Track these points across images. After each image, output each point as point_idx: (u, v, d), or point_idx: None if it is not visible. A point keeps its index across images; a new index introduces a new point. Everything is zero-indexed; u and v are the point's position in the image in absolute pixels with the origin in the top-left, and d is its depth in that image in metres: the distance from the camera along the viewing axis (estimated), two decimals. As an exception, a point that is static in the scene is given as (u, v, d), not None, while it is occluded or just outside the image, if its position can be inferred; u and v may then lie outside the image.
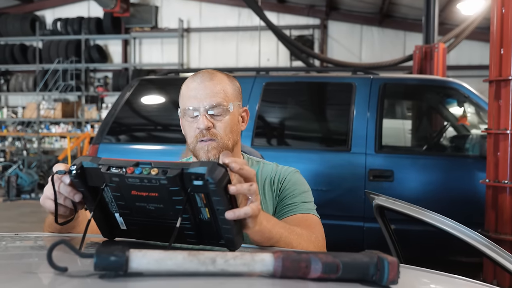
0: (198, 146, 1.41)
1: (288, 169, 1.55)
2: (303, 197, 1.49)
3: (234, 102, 1.43)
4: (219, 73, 1.46)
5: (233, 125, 1.43)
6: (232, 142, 1.43)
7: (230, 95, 1.43)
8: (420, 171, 3.94)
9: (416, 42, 7.07)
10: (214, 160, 1.38)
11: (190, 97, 1.41)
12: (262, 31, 10.97)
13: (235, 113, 1.44)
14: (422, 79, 4.67)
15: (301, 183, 1.53)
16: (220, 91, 1.40)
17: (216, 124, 1.40)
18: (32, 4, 14.07)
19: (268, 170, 1.54)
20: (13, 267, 0.97)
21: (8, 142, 13.63)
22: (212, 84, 1.41)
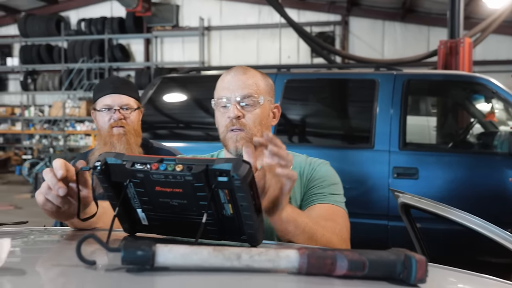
0: (227, 136, 1.47)
1: (318, 160, 1.57)
2: (332, 188, 1.50)
3: (265, 96, 1.48)
4: (253, 69, 1.52)
5: (263, 118, 1.47)
6: (261, 134, 1.44)
7: (261, 89, 1.48)
8: (446, 168, 3.88)
9: (440, 37, 6.95)
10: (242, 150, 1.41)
11: (223, 89, 1.48)
12: (282, 28, 10.96)
13: (265, 107, 1.48)
14: (448, 75, 4.59)
15: (331, 174, 1.54)
16: (252, 84, 1.46)
17: (246, 115, 1.45)
18: (57, 5, 14.31)
19: (298, 161, 1.56)
20: (43, 260, 0.99)
21: (35, 140, 13.90)
22: (245, 77, 1.47)
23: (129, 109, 2.02)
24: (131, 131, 2.00)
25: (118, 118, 1.97)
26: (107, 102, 1.99)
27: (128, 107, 2.02)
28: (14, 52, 14.84)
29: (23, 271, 0.83)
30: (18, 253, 1.01)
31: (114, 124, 1.97)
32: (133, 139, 2.00)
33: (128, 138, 1.98)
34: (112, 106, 1.99)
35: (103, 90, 2.03)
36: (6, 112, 14.48)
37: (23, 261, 0.97)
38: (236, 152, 1.48)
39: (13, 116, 14.47)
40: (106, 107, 1.99)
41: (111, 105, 1.99)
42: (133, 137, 2.01)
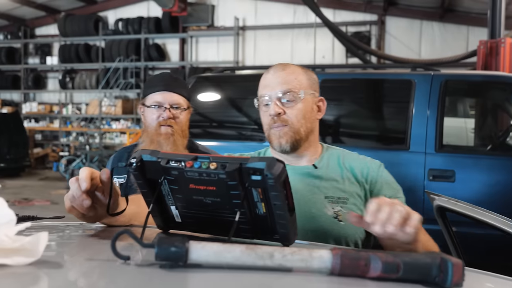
0: (271, 133, 1.48)
1: (373, 162, 1.53)
2: (401, 199, 1.45)
3: (307, 90, 1.47)
4: (293, 65, 1.52)
5: (306, 112, 1.47)
6: (305, 129, 1.46)
7: (302, 83, 1.47)
8: (484, 171, 3.78)
9: (480, 37, 6.78)
10: (285, 145, 1.45)
11: (264, 87, 1.50)
12: (317, 28, 10.88)
13: (308, 101, 1.48)
14: (487, 76, 4.47)
15: (393, 181, 1.51)
16: (292, 80, 1.46)
17: (288, 111, 1.45)
18: (96, 5, 14.64)
19: (351, 158, 1.53)
20: (78, 254, 1.01)
21: (72, 137, 14.26)
22: (285, 73, 1.47)
23: (179, 108, 1.96)
24: (178, 132, 1.93)
25: (167, 117, 1.90)
26: (157, 99, 1.93)
27: (179, 106, 1.95)
28: (53, 51, 15.27)
29: (59, 264, 0.85)
30: (54, 247, 1.04)
31: (163, 122, 1.91)
32: (180, 140, 1.94)
33: (176, 139, 1.91)
34: (162, 103, 1.93)
35: (154, 86, 1.96)
36: (45, 109, 14.90)
37: (59, 255, 0.99)
38: (280, 148, 1.47)
39: (52, 113, 14.88)
40: (156, 104, 1.93)
41: (162, 102, 1.93)
42: (180, 138, 1.94)
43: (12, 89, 15.39)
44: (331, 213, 1.42)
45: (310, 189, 1.46)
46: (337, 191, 1.45)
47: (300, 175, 1.48)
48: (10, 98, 15.86)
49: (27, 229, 0.89)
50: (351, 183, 1.47)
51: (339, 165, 1.51)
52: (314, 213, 1.43)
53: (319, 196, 1.45)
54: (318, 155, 1.54)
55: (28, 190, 9.85)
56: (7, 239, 0.81)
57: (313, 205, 1.43)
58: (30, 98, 15.67)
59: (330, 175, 1.48)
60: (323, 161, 1.52)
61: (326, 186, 1.46)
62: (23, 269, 0.79)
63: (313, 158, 1.52)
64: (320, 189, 1.46)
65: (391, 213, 1.02)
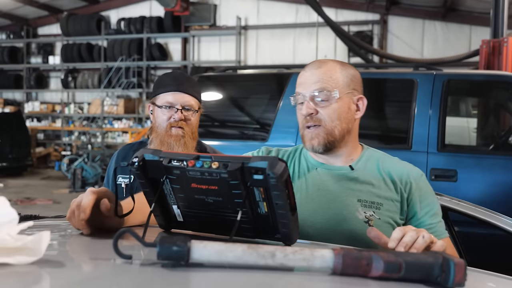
0: (304, 133, 1.43)
1: (414, 170, 1.46)
2: (438, 215, 1.42)
3: (343, 89, 1.40)
4: (331, 62, 1.44)
5: (341, 112, 1.40)
6: (340, 130, 1.40)
7: (338, 81, 1.40)
8: (487, 171, 3.77)
9: (482, 37, 6.76)
10: (318, 147, 1.41)
11: (299, 85, 1.44)
12: (319, 27, 10.88)
13: (344, 100, 1.41)
14: (490, 75, 4.46)
15: (432, 193, 1.45)
16: (327, 78, 1.39)
17: (321, 111, 1.39)
18: (98, 4, 14.66)
19: (391, 162, 1.47)
20: (80, 254, 1.01)
21: (74, 137, 14.28)
22: (320, 71, 1.41)
23: (191, 110, 1.91)
24: (189, 134, 1.89)
25: (179, 118, 1.86)
26: (169, 100, 1.88)
27: (190, 107, 1.90)
28: (56, 50, 15.30)
29: (62, 263, 0.86)
30: (56, 246, 1.04)
31: (174, 124, 1.86)
32: (190, 143, 1.89)
33: (186, 141, 1.87)
34: (174, 104, 1.87)
35: (166, 85, 1.91)
36: (47, 109, 14.93)
37: (62, 254, 0.99)
38: (312, 149, 1.43)
39: (54, 113, 14.90)
40: (168, 105, 1.87)
41: (173, 103, 1.87)
42: (191, 140, 1.90)
43: (15, 88, 15.42)
44: (362, 217, 1.38)
45: (344, 191, 1.41)
46: (372, 195, 1.40)
47: (335, 176, 1.44)
48: (12, 98, 15.89)
49: (29, 228, 0.89)
50: (387, 189, 1.41)
51: (377, 168, 1.45)
52: (345, 216, 1.38)
53: (352, 198, 1.40)
54: (356, 156, 1.47)
55: (30, 189, 9.87)
56: (10, 238, 0.81)
57: (345, 207, 1.39)
58: (33, 98, 15.70)
59: (366, 178, 1.43)
60: (361, 162, 1.46)
61: (360, 189, 1.41)
62: (25, 268, 0.79)
63: (350, 159, 1.46)
64: (354, 191, 1.41)
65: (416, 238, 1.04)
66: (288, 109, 4.06)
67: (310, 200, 1.42)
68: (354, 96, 1.43)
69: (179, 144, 1.85)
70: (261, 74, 5.38)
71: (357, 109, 1.45)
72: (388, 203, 1.39)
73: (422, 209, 1.40)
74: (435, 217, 1.40)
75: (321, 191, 1.43)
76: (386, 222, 1.37)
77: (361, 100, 1.45)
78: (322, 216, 1.40)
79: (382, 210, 1.38)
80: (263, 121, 4.28)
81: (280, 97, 4.14)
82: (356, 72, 1.46)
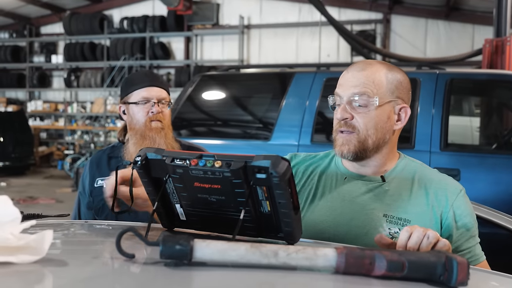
0: (336, 137, 1.35)
1: (453, 186, 1.34)
2: (475, 237, 1.33)
3: (385, 96, 1.30)
4: (377, 64, 1.34)
5: (378, 121, 1.30)
6: (375, 140, 1.30)
7: (382, 87, 1.30)
8: (490, 170, 3.76)
9: (485, 36, 6.74)
10: (347, 154, 1.32)
11: (339, 85, 1.35)
12: (322, 26, 10.88)
13: (384, 109, 1.30)
14: (493, 74, 4.45)
15: (471, 211, 1.34)
16: (369, 82, 1.29)
17: (357, 116, 1.30)
18: (101, 3, 14.67)
19: (428, 176, 1.36)
20: (83, 253, 1.01)
21: (77, 136, 14.30)
22: (363, 74, 1.31)
23: (166, 103, 1.96)
24: (167, 126, 1.95)
25: (157, 111, 1.91)
26: (144, 95, 1.92)
27: (165, 100, 1.96)
28: (58, 49, 15.31)
29: (64, 262, 0.86)
30: (59, 245, 1.04)
31: (153, 118, 1.91)
32: (169, 134, 1.95)
33: (166, 133, 1.93)
34: (150, 98, 1.92)
35: (139, 83, 1.96)
36: (50, 108, 14.94)
37: (64, 253, 0.99)
38: (341, 155, 1.34)
39: (57, 112, 14.92)
40: (144, 100, 1.92)
41: (149, 98, 1.92)
42: (169, 131, 1.96)
43: (17, 87, 15.44)
44: (386, 233, 1.28)
45: (370, 204, 1.32)
46: (400, 211, 1.30)
47: (363, 186, 1.35)
48: (15, 97, 15.92)
49: (32, 227, 0.89)
50: (419, 204, 1.31)
51: (412, 182, 1.34)
52: (367, 230, 1.30)
53: (378, 212, 1.31)
54: (391, 166, 1.37)
55: (33, 189, 9.89)
56: (12, 237, 0.81)
57: (368, 221, 1.31)
58: (35, 97, 15.72)
59: (397, 191, 1.33)
60: (394, 173, 1.36)
61: (389, 203, 1.32)
62: (28, 267, 0.79)
63: (383, 170, 1.36)
64: (382, 205, 1.32)
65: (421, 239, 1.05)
66: (290, 108, 4.06)
67: (333, 210, 1.35)
68: (397, 105, 1.33)
69: (160, 136, 1.90)
70: (264, 73, 5.38)
71: (398, 119, 1.34)
72: (418, 220, 1.28)
73: (458, 229, 1.30)
74: (472, 240, 1.32)
75: (346, 202, 1.35)
76: None
77: (404, 110, 1.34)
78: (343, 228, 1.32)
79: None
80: (266, 120, 4.28)
81: (283, 96, 4.14)
82: (405, 78, 1.35)
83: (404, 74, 1.36)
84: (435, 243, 1.07)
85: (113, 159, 1.99)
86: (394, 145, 1.38)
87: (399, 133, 1.38)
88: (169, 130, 1.96)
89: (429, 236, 1.04)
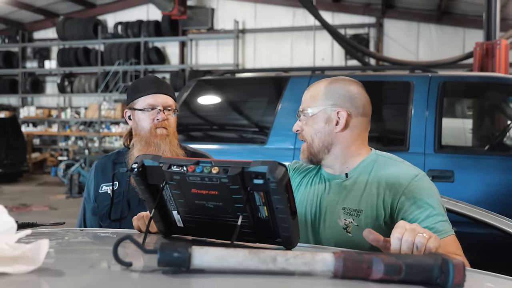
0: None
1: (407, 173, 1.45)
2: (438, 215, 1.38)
3: (320, 105, 1.48)
4: (322, 81, 1.53)
5: (317, 127, 1.49)
6: (318, 143, 1.49)
7: (317, 99, 1.49)
8: (483, 171, 3.78)
9: (476, 39, 6.80)
10: (304, 160, 1.54)
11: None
12: (316, 30, 10.89)
13: (319, 116, 1.49)
14: (484, 77, 4.49)
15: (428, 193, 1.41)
16: (307, 99, 1.52)
17: (304, 127, 1.52)
18: (95, 8, 14.64)
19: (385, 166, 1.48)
20: (80, 262, 1.01)
21: (71, 141, 14.24)
22: (306, 93, 1.54)
23: (171, 110, 1.97)
24: (172, 133, 1.95)
25: (162, 118, 1.91)
26: (150, 102, 1.92)
27: (171, 108, 1.96)
28: (52, 55, 15.25)
29: (61, 272, 0.85)
30: (55, 254, 1.03)
31: (159, 125, 1.91)
32: (174, 141, 1.95)
33: (171, 139, 1.93)
34: (156, 106, 1.92)
35: (145, 89, 1.95)
36: (43, 114, 14.86)
37: (61, 262, 0.99)
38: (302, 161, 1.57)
39: (50, 118, 14.84)
40: (150, 107, 1.92)
41: (155, 105, 1.92)
42: (174, 138, 1.96)
43: (10, 93, 15.35)
44: (342, 224, 1.45)
45: (334, 199, 1.49)
46: (355, 203, 1.45)
47: (332, 184, 1.52)
48: (7, 103, 15.83)
49: (27, 237, 0.88)
50: (371, 195, 1.43)
51: (369, 175, 1.47)
52: (329, 223, 1.48)
53: (339, 206, 1.47)
54: (354, 163, 1.50)
55: (27, 196, 9.82)
56: (8, 247, 0.81)
57: (330, 215, 1.48)
58: (28, 102, 15.65)
59: (356, 186, 1.47)
60: (358, 170, 1.49)
61: (348, 197, 1.47)
62: (24, 278, 0.78)
63: (345, 167, 1.51)
64: (342, 199, 1.47)
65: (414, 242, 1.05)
66: (286, 112, 4.07)
67: (310, 208, 1.53)
68: (332, 111, 1.47)
69: (165, 142, 1.91)
70: (259, 77, 5.39)
71: (336, 123, 1.48)
72: (370, 210, 1.41)
73: (414, 211, 1.38)
74: (433, 218, 1.37)
75: (318, 198, 1.53)
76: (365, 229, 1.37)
77: (341, 114, 1.47)
78: (312, 223, 1.52)
79: (360, 217, 1.42)
80: (262, 124, 4.29)
81: (279, 100, 4.14)
82: (345, 88, 1.49)
83: (348, 85, 1.50)
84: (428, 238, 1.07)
85: (118, 164, 1.99)
86: (348, 145, 1.50)
87: (352, 134, 1.50)
88: (173, 137, 1.96)
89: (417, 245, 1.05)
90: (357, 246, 1.36)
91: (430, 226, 1.35)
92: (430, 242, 1.06)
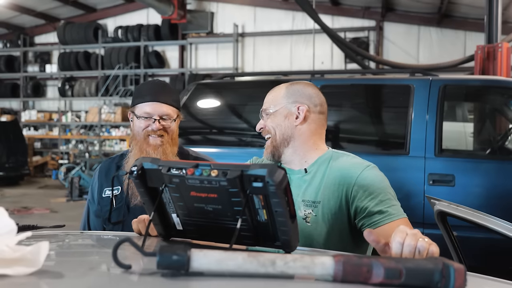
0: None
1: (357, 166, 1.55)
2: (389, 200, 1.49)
3: (281, 103, 1.62)
4: (282, 85, 1.67)
5: (279, 122, 1.60)
6: (280, 137, 1.60)
7: (278, 98, 1.63)
8: (484, 175, 3.77)
9: (477, 42, 6.79)
10: (268, 156, 1.63)
11: None
12: (316, 34, 10.91)
13: (281, 112, 1.61)
14: (485, 80, 4.48)
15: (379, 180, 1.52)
16: (269, 100, 1.65)
17: (266, 123, 1.63)
18: (95, 13, 14.68)
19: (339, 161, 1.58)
20: (79, 264, 1.00)
21: (71, 145, 14.24)
22: (268, 96, 1.67)
23: (169, 119, 1.93)
24: (168, 141, 1.92)
25: (157, 128, 1.88)
26: (146, 110, 1.90)
27: (168, 117, 1.92)
28: (53, 59, 15.29)
29: (61, 274, 0.85)
30: (55, 256, 1.03)
31: (152, 133, 1.89)
32: (169, 149, 1.92)
33: (165, 148, 1.90)
34: (151, 115, 1.90)
35: (143, 95, 1.94)
36: (44, 117, 14.89)
37: (60, 264, 0.99)
38: (267, 158, 1.65)
39: (51, 121, 14.87)
40: (146, 115, 1.90)
41: (151, 114, 1.89)
42: (170, 147, 1.93)
43: (11, 97, 15.39)
44: (302, 214, 1.54)
45: (295, 192, 1.55)
46: (313, 195, 1.55)
47: (293, 180, 1.59)
48: (9, 106, 15.86)
49: (28, 239, 0.88)
50: (328, 187, 1.53)
51: (326, 168, 1.57)
52: None
53: (299, 199, 1.56)
54: (312, 159, 1.61)
55: (28, 199, 9.83)
56: (8, 249, 0.81)
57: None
58: (29, 106, 15.67)
59: (313, 179, 1.57)
60: (316, 165, 1.59)
61: (307, 190, 1.57)
62: (24, 280, 0.78)
63: (304, 162, 1.61)
64: (302, 192, 1.57)
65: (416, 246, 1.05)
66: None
67: None
68: (293, 107, 1.60)
69: (157, 152, 1.88)
70: (259, 81, 5.39)
71: (296, 117, 1.60)
72: (327, 201, 1.52)
73: (366, 197, 1.48)
74: (384, 203, 1.47)
75: None
76: (322, 219, 1.52)
77: (299, 109, 1.60)
78: None
79: (319, 207, 1.53)
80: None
81: (278, 104, 4.14)
82: (304, 88, 1.65)
83: (307, 86, 1.66)
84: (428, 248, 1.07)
85: (121, 168, 1.99)
86: (308, 139, 1.62)
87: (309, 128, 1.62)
88: (171, 145, 1.93)
89: (420, 249, 1.04)
90: (314, 235, 1.51)
91: (383, 209, 1.45)
92: (431, 247, 1.06)
